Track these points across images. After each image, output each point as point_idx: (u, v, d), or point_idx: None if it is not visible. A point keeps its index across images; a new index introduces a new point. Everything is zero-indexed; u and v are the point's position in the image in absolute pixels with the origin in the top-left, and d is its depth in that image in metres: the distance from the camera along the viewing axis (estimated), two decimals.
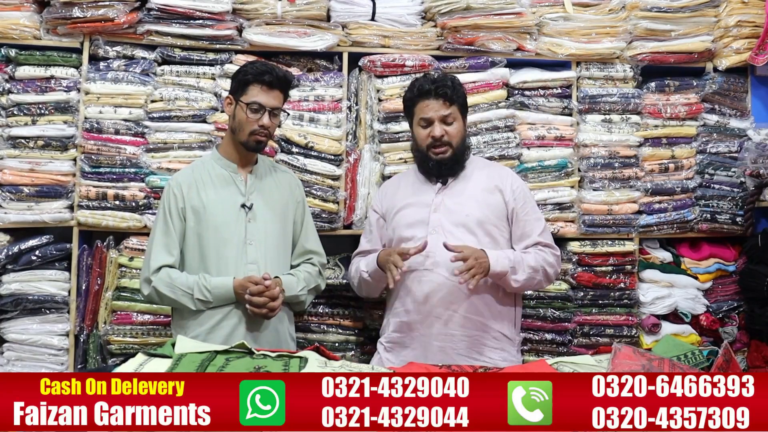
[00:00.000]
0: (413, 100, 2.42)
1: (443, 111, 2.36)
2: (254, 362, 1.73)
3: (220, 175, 2.37)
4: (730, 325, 3.08)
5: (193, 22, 2.89)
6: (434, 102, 2.36)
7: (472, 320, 2.31)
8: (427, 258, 2.30)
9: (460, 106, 2.40)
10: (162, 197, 2.39)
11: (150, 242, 2.35)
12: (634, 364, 1.81)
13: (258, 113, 2.30)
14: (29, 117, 2.83)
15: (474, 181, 2.43)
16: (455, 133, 2.38)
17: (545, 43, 3.06)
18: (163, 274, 2.27)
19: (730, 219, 3.10)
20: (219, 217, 2.32)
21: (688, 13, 3.10)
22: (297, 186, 2.55)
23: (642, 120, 3.11)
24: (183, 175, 2.42)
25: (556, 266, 2.42)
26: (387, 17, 3.01)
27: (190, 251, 2.33)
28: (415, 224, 2.38)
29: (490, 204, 2.38)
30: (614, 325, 3.00)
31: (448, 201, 2.38)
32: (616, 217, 3.03)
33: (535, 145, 3.03)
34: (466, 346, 2.30)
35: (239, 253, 2.31)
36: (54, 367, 2.81)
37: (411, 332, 2.35)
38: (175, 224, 2.32)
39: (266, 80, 2.30)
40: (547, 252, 2.38)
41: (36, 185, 2.82)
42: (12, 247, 2.79)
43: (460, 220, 2.35)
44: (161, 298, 2.29)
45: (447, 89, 2.36)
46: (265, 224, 2.36)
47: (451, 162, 2.39)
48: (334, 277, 2.83)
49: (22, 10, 2.84)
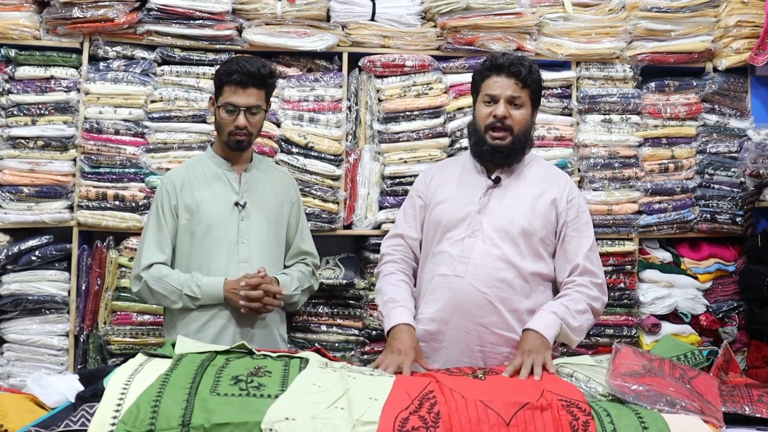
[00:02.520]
0: (483, 74, 2.16)
1: (513, 91, 2.10)
2: (255, 362, 1.73)
3: (213, 173, 2.36)
4: (730, 325, 3.08)
5: (192, 22, 2.89)
6: (505, 80, 2.10)
7: (505, 337, 2.04)
8: (459, 263, 2.07)
9: (532, 92, 2.14)
10: (155, 194, 2.37)
11: (142, 239, 2.33)
12: (635, 364, 1.81)
13: (233, 114, 2.27)
14: (29, 117, 2.83)
15: (527, 185, 2.16)
16: (520, 119, 2.11)
17: (545, 43, 3.06)
18: (154, 270, 2.26)
19: (730, 219, 3.10)
20: (212, 214, 2.30)
21: (688, 13, 3.10)
22: (292, 186, 2.53)
23: (642, 120, 3.11)
24: (176, 172, 2.39)
25: (600, 297, 2.09)
26: (387, 17, 3.01)
27: (181, 249, 2.32)
28: (453, 223, 2.13)
29: (540, 214, 2.11)
30: (614, 325, 3.00)
31: (495, 203, 2.12)
32: (616, 217, 3.03)
33: (535, 145, 3.01)
34: (495, 364, 2.01)
35: (231, 251, 2.29)
36: (54, 367, 2.81)
37: (433, 342, 2.10)
38: (168, 222, 2.31)
39: (236, 80, 2.25)
40: (586, 284, 2.07)
41: (36, 185, 2.82)
42: (12, 247, 2.79)
43: (503, 226, 2.09)
44: (151, 295, 2.27)
45: (522, 68, 2.10)
46: (258, 223, 2.34)
47: (507, 150, 2.12)
48: (334, 277, 2.83)
49: (22, 10, 2.84)
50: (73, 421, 1.51)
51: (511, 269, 2.06)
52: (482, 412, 1.53)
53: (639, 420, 1.57)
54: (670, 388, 1.70)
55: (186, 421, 1.47)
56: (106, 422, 1.48)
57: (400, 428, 1.48)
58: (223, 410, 1.49)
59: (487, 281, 2.04)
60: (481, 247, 2.07)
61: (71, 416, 1.52)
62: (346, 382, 1.63)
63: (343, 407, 1.53)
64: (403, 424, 1.49)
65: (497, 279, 2.05)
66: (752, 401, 1.76)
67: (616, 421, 1.56)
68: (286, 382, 1.62)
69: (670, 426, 1.55)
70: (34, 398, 1.67)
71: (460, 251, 2.08)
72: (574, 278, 2.09)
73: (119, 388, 1.57)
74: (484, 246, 2.07)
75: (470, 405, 1.55)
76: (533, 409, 1.55)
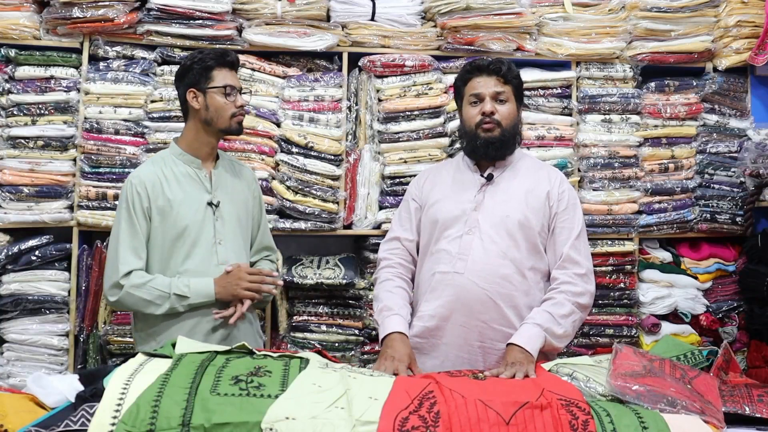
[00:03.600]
0: (464, 78, 2.25)
1: (497, 88, 2.19)
2: (255, 362, 1.73)
3: (184, 172, 2.27)
4: (729, 325, 3.08)
5: (192, 22, 2.89)
6: (487, 78, 2.20)
7: (504, 333, 2.06)
8: (459, 260, 2.10)
9: (514, 88, 2.23)
10: (123, 196, 2.24)
11: (114, 244, 2.20)
12: (635, 365, 1.81)
13: (232, 95, 2.27)
14: (29, 117, 2.83)
15: (520, 180, 2.21)
16: (507, 113, 2.19)
17: (545, 43, 3.06)
18: (134, 277, 2.15)
19: (729, 219, 3.10)
20: (187, 216, 2.22)
21: (688, 13, 3.10)
22: (254, 180, 2.47)
23: (642, 120, 3.11)
24: (144, 172, 2.26)
25: (586, 290, 2.10)
26: (387, 17, 3.01)
27: (155, 253, 2.22)
28: (450, 221, 2.17)
29: (534, 207, 2.16)
30: (614, 325, 3.00)
31: (489, 200, 2.17)
32: (616, 217, 3.03)
33: (535, 145, 3.03)
34: (494, 359, 2.06)
35: (209, 252, 2.23)
36: (54, 367, 2.81)
37: (432, 338, 2.13)
38: (141, 225, 2.20)
39: (229, 61, 2.29)
40: (570, 279, 2.09)
41: (36, 185, 2.81)
42: (12, 247, 2.79)
43: (499, 221, 2.13)
44: (134, 303, 2.16)
45: (502, 66, 2.21)
46: (231, 222, 2.29)
47: (499, 142, 2.18)
48: (334, 277, 2.83)
49: (22, 10, 2.84)
50: (73, 421, 1.51)
51: (509, 265, 2.10)
52: (482, 412, 1.53)
53: (639, 420, 1.57)
54: (671, 389, 1.70)
55: (186, 421, 1.47)
56: (106, 422, 1.48)
57: (400, 428, 1.48)
58: (223, 410, 1.49)
59: (487, 277, 2.08)
60: (478, 244, 2.11)
61: (71, 416, 1.52)
62: (346, 382, 1.63)
63: (343, 407, 1.53)
64: (403, 423, 1.49)
65: (496, 275, 2.09)
66: (752, 401, 1.76)
67: (616, 421, 1.56)
68: (286, 382, 1.62)
69: (670, 426, 1.55)
70: (34, 398, 1.67)
71: (459, 248, 2.12)
72: (558, 274, 2.12)
73: (119, 388, 1.57)
74: (482, 242, 2.11)
75: (470, 404, 1.55)
76: (533, 409, 1.55)
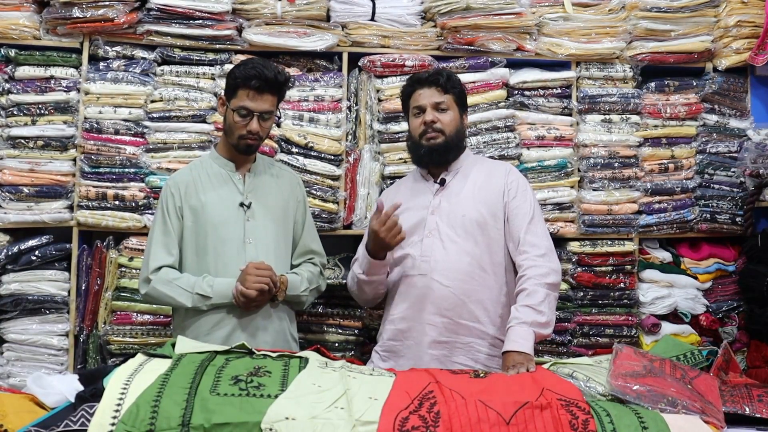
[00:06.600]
0: (407, 91, 2.41)
1: (436, 98, 2.33)
2: (254, 362, 1.73)
3: (217, 174, 2.37)
4: (729, 325, 3.08)
5: (192, 22, 2.89)
6: (427, 90, 2.35)
7: (469, 327, 2.22)
8: (422, 262, 2.26)
9: (455, 96, 2.37)
10: (160, 197, 2.38)
11: (149, 242, 2.34)
12: (636, 365, 1.81)
13: (246, 118, 2.27)
14: (29, 117, 2.83)
15: (473, 180, 2.36)
16: (448, 121, 2.33)
17: (545, 43, 3.06)
18: (163, 273, 2.27)
19: (729, 219, 3.10)
20: (217, 216, 2.31)
21: (687, 13, 3.10)
22: (298, 185, 2.54)
23: (642, 120, 3.11)
24: (181, 174, 2.41)
25: (551, 270, 2.19)
26: (387, 17, 3.01)
27: (188, 251, 2.32)
28: (412, 228, 2.30)
29: (487, 202, 2.30)
30: (614, 325, 3.00)
31: (444, 203, 2.32)
32: (615, 217, 3.03)
33: (534, 145, 3.03)
34: (462, 354, 2.22)
35: (238, 252, 2.30)
36: (54, 367, 2.81)
37: (405, 340, 2.28)
38: (174, 224, 2.32)
39: (253, 86, 2.24)
40: (533, 264, 2.17)
41: (36, 185, 2.81)
42: (12, 247, 2.79)
43: (456, 221, 2.28)
44: (159, 297, 2.28)
45: (440, 77, 2.35)
46: (264, 223, 2.36)
47: (443, 149, 2.33)
48: (334, 277, 2.83)
49: (21, 10, 2.84)
50: (72, 421, 1.51)
51: (470, 261, 2.24)
52: (482, 412, 1.53)
53: (639, 420, 1.57)
54: (672, 389, 1.70)
55: (186, 421, 1.47)
56: (106, 422, 1.49)
57: (400, 428, 1.48)
58: (223, 410, 1.49)
59: (449, 275, 2.22)
60: (439, 245, 2.26)
61: (71, 416, 1.52)
62: (345, 382, 1.63)
63: (342, 407, 1.53)
64: (403, 423, 1.49)
65: (459, 272, 2.23)
66: (752, 401, 1.77)
67: (616, 421, 1.56)
68: (285, 382, 1.63)
69: (670, 426, 1.56)
70: (34, 398, 1.67)
71: (421, 251, 2.27)
72: (521, 260, 2.22)
73: (119, 388, 1.57)
74: (442, 243, 2.25)
75: (470, 404, 1.56)
76: (533, 408, 1.55)
